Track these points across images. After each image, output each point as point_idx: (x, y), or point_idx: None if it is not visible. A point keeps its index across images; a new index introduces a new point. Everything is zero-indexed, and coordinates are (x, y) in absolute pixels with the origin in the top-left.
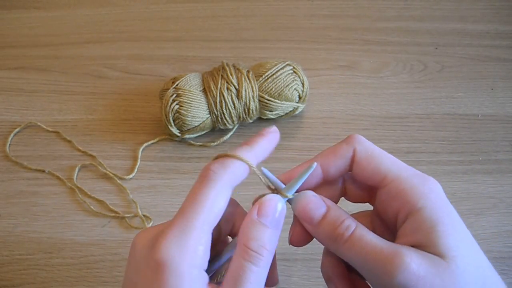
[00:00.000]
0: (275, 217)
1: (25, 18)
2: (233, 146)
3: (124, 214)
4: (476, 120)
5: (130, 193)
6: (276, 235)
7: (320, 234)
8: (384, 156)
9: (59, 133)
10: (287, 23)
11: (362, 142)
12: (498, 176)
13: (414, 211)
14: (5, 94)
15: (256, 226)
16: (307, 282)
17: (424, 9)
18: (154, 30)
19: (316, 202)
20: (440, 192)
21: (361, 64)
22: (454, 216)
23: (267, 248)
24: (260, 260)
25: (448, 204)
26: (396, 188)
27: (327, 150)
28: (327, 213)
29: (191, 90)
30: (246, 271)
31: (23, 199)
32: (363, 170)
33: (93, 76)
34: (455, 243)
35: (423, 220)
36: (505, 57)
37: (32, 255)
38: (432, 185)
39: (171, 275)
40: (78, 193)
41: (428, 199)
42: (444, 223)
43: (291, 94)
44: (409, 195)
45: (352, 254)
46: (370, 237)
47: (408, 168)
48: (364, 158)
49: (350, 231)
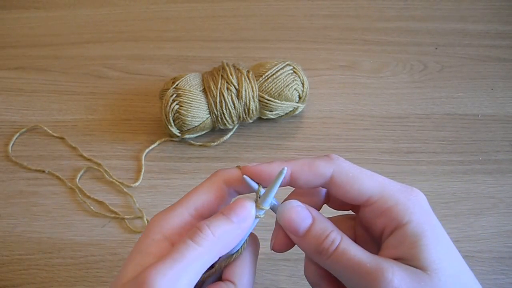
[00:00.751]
0: (236, 210)
1: (25, 18)
2: (233, 146)
3: (124, 215)
4: (476, 120)
5: (136, 201)
6: (231, 228)
7: (305, 246)
8: (365, 176)
9: (64, 139)
10: (287, 23)
11: (341, 164)
12: (498, 176)
13: (399, 226)
14: (5, 94)
15: (217, 215)
16: (307, 282)
17: (424, 9)
18: (154, 30)
19: (301, 213)
20: (424, 204)
21: (361, 64)
22: (438, 228)
23: (211, 228)
24: (197, 235)
25: (432, 216)
26: (381, 207)
27: (303, 161)
28: (313, 225)
29: (191, 90)
30: (180, 243)
31: (23, 199)
32: (345, 192)
33: (93, 76)
34: (437, 256)
35: (408, 235)
36: (505, 57)
37: (32, 255)
38: (416, 198)
39: None
40: (78, 193)
41: (412, 213)
42: (428, 236)
43: (291, 94)
44: (394, 212)
45: (337, 268)
46: (354, 252)
47: (390, 183)
48: (346, 181)
49: (334, 246)
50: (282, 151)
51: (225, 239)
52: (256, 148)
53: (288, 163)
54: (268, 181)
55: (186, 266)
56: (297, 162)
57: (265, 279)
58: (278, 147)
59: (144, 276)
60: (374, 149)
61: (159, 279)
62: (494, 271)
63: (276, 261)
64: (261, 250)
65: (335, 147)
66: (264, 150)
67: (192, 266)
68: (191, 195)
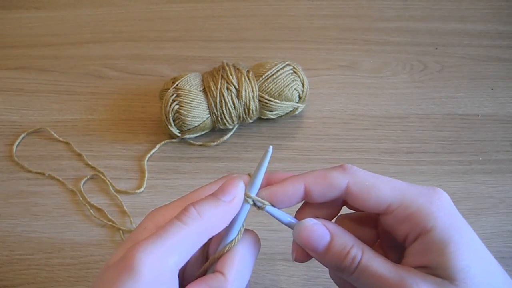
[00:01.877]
0: (223, 187)
1: (25, 18)
2: (233, 146)
3: (121, 226)
4: (476, 120)
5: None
6: (215, 206)
7: (326, 263)
8: (382, 184)
9: (69, 144)
10: (287, 23)
11: (356, 173)
12: (498, 176)
13: (424, 232)
14: (5, 94)
15: (206, 196)
16: (307, 282)
17: (424, 9)
18: (154, 30)
19: (319, 231)
20: (449, 207)
21: (361, 64)
22: (466, 232)
23: (195, 207)
24: (183, 215)
25: (458, 218)
26: (402, 214)
27: (316, 174)
28: (332, 242)
29: (191, 90)
30: (167, 223)
31: (23, 199)
32: (363, 202)
33: (93, 76)
34: (466, 263)
35: (434, 242)
36: (505, 57)
37: (32, 255)
38: (439, 201)
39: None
40: (79, 195)
41: (437, 218)
42: (455, 242)
43: (291, 94)
44: (417, 217)
45: (359, 284)
46: (376, 266)
47: (410, 188)
48: (362, 191)
49: (356, 263)
50: (282, 151)
51: (213, 218)
52: (256, 148)
53: (301, 177)
54: (283, 202)
55: (173, 246)
56: (310, 175)
57: (265, 279)
58: (278, 147)
59: (130, 254)
60: (374, 149)
61: (145, 257)
62: None
63: (276, 261)
64: (261, 250)
65: (335, 147)
66: (264, 150)
67: (179, 246)
68: (192, 193)
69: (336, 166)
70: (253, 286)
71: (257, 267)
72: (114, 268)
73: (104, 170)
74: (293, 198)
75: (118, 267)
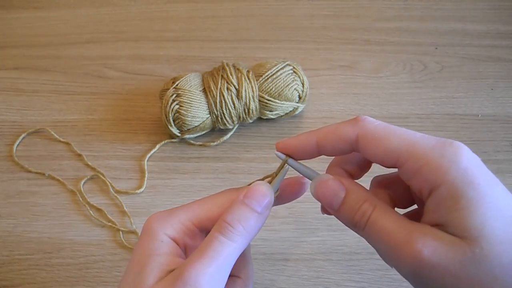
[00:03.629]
0: (259, 199)
1: (25, 18)
2: (233, 146)
3: (120, 226)
4: (476, 120)
5: (132, 217)
6: (257, 219)
7: (342, 219)
8: (392, 135)
9: (69, 145)
10: (287, 23)
11: (367, 125)
12: (498, 176)
13: (434, 188)
14: (5, 94)
15: (238, 205)
16: (307, 282)
17: (424, 9)
18: (154, 30)
19: (334, 187)
20: (466, 161)
21: (361, 64)
22: (486, 186)
23: (242, 223)
24: (229, 231)
25: (478, 172)
26: (412, 168)
27: (327, 128)
28: (346, 198)
29: (191, 90)
30: (213, 240)
31: (23, 199)
32: (373, 155)
33: (93, 76)
34: (480, 221)
35: (444, 198)
36: (505, 57)
37: (32, 255)
38: (452, 154)
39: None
40: (79, 196)
41: (447, 173)
42: (468, 197)
43: (291, 94)
44: (427, 172)
45: (370, 240)
46: (386, 221)
47: (422, 140)
48: (371, 143)
49: (366, 217)
50: None
51: (254, 230)
52: (256, 148)
53: (314, 132)
54: (298, 154)
55: (222, 263)
56: (322, 129)
57: (265, 279)
58: None
59: (186, 275)
60: None
61: (200, 276)
62: None
63: (276, 261)
64: (261, 250)
65: None
66: (264, 150)
67: (227, 262)
68: (195, 202)
69: (350, 119)
70: (253, 286)
71: (257, 267)
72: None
73: (104, 170)
74: (307, 151)
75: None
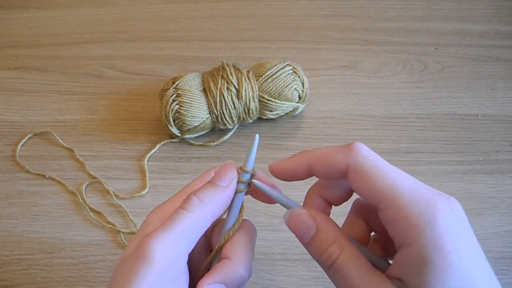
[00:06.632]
0: (220, 175)
1: (25, 18)
2: (233, 146)
3: (121, 228)
4: (476, 120)
5: (132, 218)
6: (214, 191)
7: (310, 253)
8: (380, 176)
9: (73, 152)
10: (287, 23)
11: (358, 157)
12: (498, 176)
13: (405, 245)
14: (5, 94)
15: (204, 184)
16: (307, 282)
17: (424, 9)
18: (154, 30)
19: (305, 222)
20: (439, 225)
21: (361, 64)
22: (452, 253)
23: (198, 196)
24: (187, 204)
25: (446, 239)
26: (390, 217)
27: (321, 152)
28: (315, 235)
29: (191, 90)
30: (173, 213)
31: (23, 199)
32: (358, 189)
33: (93, 76)
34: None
35: (412, 258)
36: (505, 57)
37: (32, 255)
38: (431, 216)
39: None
40: (78, 196)
41: (420, 235)
42: (435, 264)
43: (291, 94)
44: (401, 227)
45: (333, 281)
46: (349, 268)
47: (409, 190)
48: (359, 179)
49: (331, 261)
50: (282, 151)
51: (213, 202)
52: None
53: (307, 154)
54: (288, 176)
55: (181, 232)
56: (315, 152)
57: (265, 279)
58: (278, 147)
59: (143, 244)
60: (374, 149)
61: (157, 245)
62: (494, 271)
63: (276, 261)
64: (261, 250)
65: None
66: (264, 150)
67: (187, 232)
68: (187, 186)
69: (345, 145)
70: (253, 286)
71: (257, 267)
72: (129, 259)
73: (104, 170)
74: (299, 174)
75: (133, 258)
